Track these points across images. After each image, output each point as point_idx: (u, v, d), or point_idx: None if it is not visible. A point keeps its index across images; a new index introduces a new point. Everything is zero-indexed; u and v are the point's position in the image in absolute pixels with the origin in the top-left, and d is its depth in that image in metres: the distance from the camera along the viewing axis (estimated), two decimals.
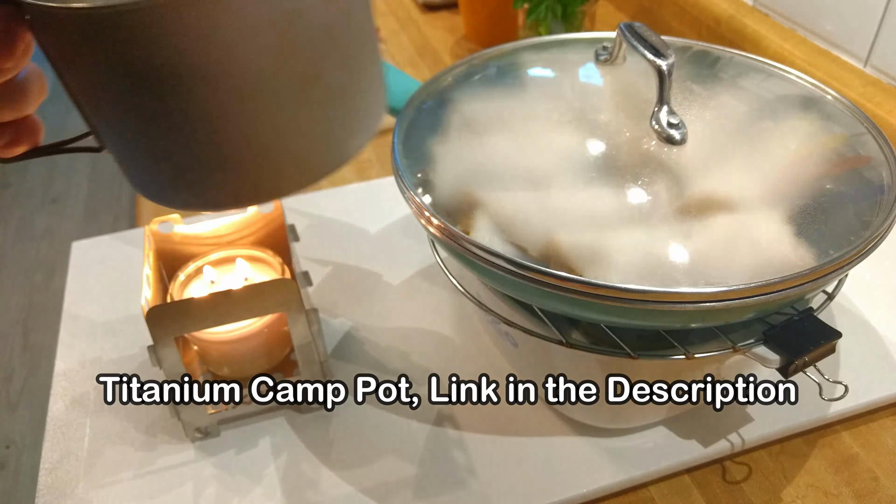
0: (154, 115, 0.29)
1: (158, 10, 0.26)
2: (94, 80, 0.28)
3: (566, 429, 0.48)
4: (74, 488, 0.47)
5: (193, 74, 0.27)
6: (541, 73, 0.51)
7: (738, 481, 0.46)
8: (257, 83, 0.28)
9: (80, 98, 0.30)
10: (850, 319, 0.55)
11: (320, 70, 0.30)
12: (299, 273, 0.48)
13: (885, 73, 0.68)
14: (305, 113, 0.30)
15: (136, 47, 0.26)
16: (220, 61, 0.27)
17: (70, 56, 0.28)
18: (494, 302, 0.44)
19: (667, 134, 0.41)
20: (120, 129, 0.30)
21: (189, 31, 0.26)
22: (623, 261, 0.36)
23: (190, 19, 0.26)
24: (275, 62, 0.28)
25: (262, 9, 0.27)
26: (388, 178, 0.72)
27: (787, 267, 0.36)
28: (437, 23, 1.05)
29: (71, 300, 0.60)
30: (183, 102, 0.28)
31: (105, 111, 0.30)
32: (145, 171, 0.32)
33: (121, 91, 0.28)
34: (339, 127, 0.32)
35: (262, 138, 0.30)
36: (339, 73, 0.31)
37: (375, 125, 0.34)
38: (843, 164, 0.42)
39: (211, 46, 0.27)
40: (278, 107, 0.29)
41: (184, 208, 0.33)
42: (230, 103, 0.29)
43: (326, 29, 0.29)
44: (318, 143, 0.32)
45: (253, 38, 0.27)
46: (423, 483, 0.46)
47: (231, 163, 0.30)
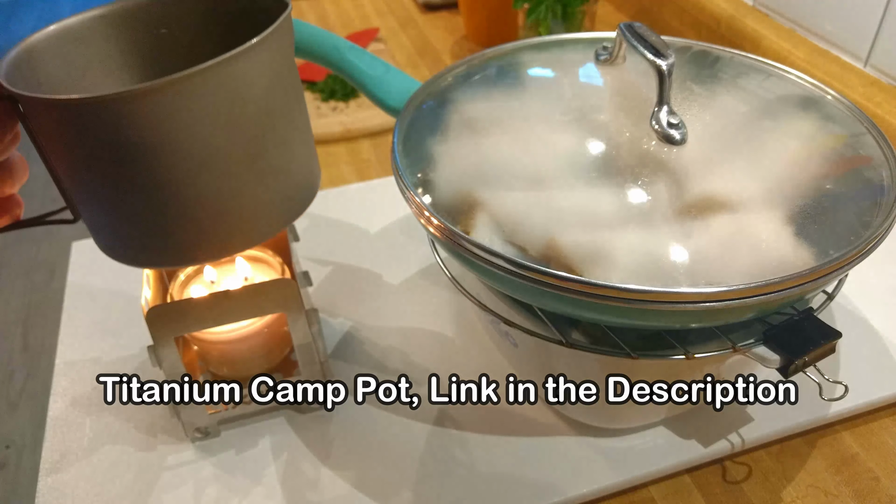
0: (126, 183, 0.34)
1: (132, 99, 0.32)
2: (75, 154, 0.34)
3: (566, 429, 0.48)
4: (74, 488, 0.47)
5: (158, 149, 0.33)
6: (541, 73, 0.51)
7: (738, 481, 0.46)
8: (211, 156, 0.35)
9: (59, 173, 0.36)
10: (850, 319, 0.55)
11: (263, 148, 0.37)
12: (299, 273, 0.48)
13: (886, 72, 0.68)
14: (252, 184, 0.37)
15: (118, 129, 0.32)
16: (181, 139, 0.34)
17: (55, 136, 0.34)
18: (494, 302, 0.44)
19: (667, 134, 0.41)
20: (94, 197, 0.36)
21: (155, 115, 0.32)
22: (623, 261, 0.36)
23: (156, 106, 0.32)
24: (226, 139, 0.35)
25: (215, 98, 0.33)
26: (388, 178, 0.72)
27: (786, 267, 0.36)
28: (437, 23, 1.05)
29: (71, 300, 0.60)
30: (150, 173, 0.34)
31: (82, 182, 0.35)
32: (115, 235, 0.37)
33: (99, 164, 0.34)
34: (280, 197, 0.39)
35: (216, 204, 0.36)
36: (278, 152, 0.38)
37: (311, 197, 0.41)
38: (843, 164, 0.42)
39: (173, 127, 0.33)
40: (229, 177, 0.36)
41: (148, 266, 0.39)
42: (189, 173, 0.35)
43: (267, 113, 0.36)
44: (263, 209, 0.38)
45: (207, 121, 0.34)
46: (423, 483, 0.46)
47: (190, 224, 0.36)
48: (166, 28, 0.41)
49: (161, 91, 0.32)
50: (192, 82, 0.32)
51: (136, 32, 0.41)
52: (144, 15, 0.41)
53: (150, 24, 0.41)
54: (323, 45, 0.51)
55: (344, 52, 0.51)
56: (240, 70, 0.34)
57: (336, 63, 0.51)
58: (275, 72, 0.37)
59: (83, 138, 0.33)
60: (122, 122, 0.32)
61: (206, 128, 0.34)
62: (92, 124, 0.32)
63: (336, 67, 0.52)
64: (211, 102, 0.33)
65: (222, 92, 0.34)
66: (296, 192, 0.40)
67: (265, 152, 0.37)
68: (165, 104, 0.32)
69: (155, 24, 0.41)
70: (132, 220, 0.36)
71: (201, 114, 0.33)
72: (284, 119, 0.38)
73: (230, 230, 0.37)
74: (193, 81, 0.32)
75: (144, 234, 0.36)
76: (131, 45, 0.41)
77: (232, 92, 0.34)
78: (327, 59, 0.51)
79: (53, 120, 0.33)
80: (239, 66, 0.34)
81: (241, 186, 0.36)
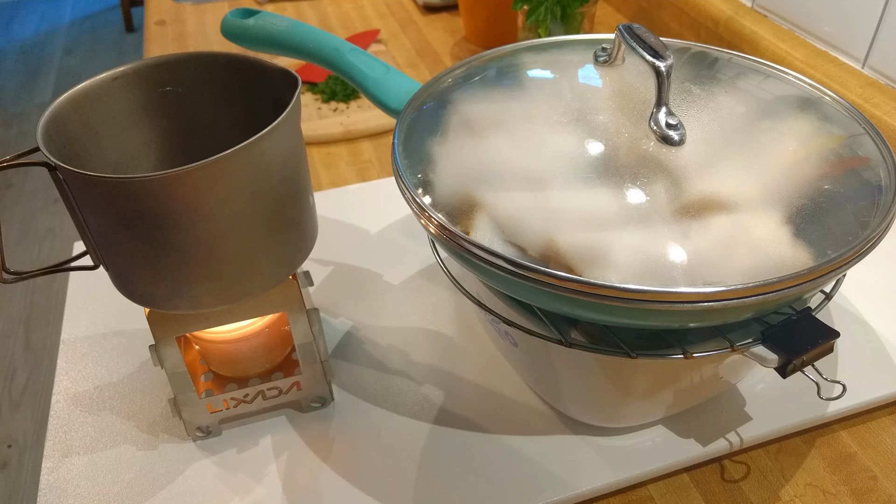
0: (158, 243, 0.38)
1: (169, 182, 0.36)
2: (110, 219, 0.38)
3: (565, 428, 0.48)
4: (76, 487, 0.47)
5: (192, 218, 0.38)
6: (540, 75, 0.51)
7: (736, 480, 0.46)
8: (238, 221, 0.39)
9: (89, 229, 0.40)
10: (848, 319, 0.55)
11: (281, 209, 0.41)
12: (300, 273, 0.48)
13: (883, 73, 0.69)
14: (270, 240, 0.41)
15: (154, 203, 0.36)
16: (213, 210, 0.38)
17: (92, 203, 0.38)
18: (494, 302, 0.45)
19: (665, 135, 0.42)
20: (124, 253, 0.39)
21: (191, 192, 0.37)
22: (622, 261, 0.36)
23: (192, 184, 0.36)
24: (251, 206, 0.39)
25: (244, 173, 0.38)
26: (388, 179, 0.73)
27: (785, 267, 0.36)
28: (438, 24, 1.05)
29: (73, 299, 0.60)
30: (181, 236, 0.38)
31: (115, 241, 0.39)
32: (140, 284, 0.41)
33: (134, 228, 0.38)
34: (292, 248, 0.44)
35: (239, 259, 0.40)
36: (291, 211, 0.42)
37: (312, 244, 0.46)
38: (841, 165, 0.43)
39: (206, 201, 0.37)
40: (252, 237, 0.40)
41: (170, 311, 0.42)
42: (218, 236, 0.39)
43: (284, 179, 0.41)
44: (277, 260, 0.43)
45: (236, 193, 0.38)
46: (423, 481, 0.46)
47: (214, 277, 0.40)
48: (171, 86, 0.45)
49: (196, 173, 0.36)
50: (223, 164, 0.37)
51: (143, 91, 0.45)
52: (152, 76, 0.45)
53: (157, 83, 0.45)
54: (324, 46, 0.52)
55: (345, 53, 0.51)
56: (264, 147, 0.38)
57: (337, 64, 0.52)
58: (291, 141, 0.41)
59: (121, 208, 0.37)
60: (157, 198, 0.36)
61: (235, 198, 0.38)
62: (133, 198, 0.36)
63: (337, 69, 0.52)
64: (240, 178, 0.38)
65: (249, 168, 0.38)
66: (303, 242, 0.45)
67: (282, 213, 0.41)
68: (200, 182, 0.37)
69: (160, 82, 0.46)
70: (159, 274, 0.40)
71: (232, 188, 0.38)
72: (297, 181, 0.43)
73: (249, 281, 0.42)
74: (224, 163, 0.37)
75: (170, 285, 0.40)
76: (139, 101, 0.46)
77: (257, 167, 0.38)
78: (328, 60, 0.52)
79: (93, 192, 0.37)
80: (264, 144, 0.38)
81: (261, 243, 0.41)
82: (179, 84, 0.46)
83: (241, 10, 0.53)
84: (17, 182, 2.17)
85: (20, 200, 2.10)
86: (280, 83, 0.43)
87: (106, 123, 0.44)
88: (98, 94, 0.43)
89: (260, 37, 0.52)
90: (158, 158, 0.47)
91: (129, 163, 0.46)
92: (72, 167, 0.36)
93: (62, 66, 2.80)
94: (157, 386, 0.53)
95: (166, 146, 0.47)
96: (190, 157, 0.39)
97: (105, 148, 0.44)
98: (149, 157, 0.47)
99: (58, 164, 0.36)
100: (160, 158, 0.47)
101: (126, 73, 0.44)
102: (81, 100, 0.42)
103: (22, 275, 0.41)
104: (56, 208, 2.06)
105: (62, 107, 0.41)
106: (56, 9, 3.27)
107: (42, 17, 3.19)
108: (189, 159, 0.37)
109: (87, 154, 0.43)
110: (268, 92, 0.44)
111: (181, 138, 0.47)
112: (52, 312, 1.74)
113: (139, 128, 0.46)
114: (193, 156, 0.41)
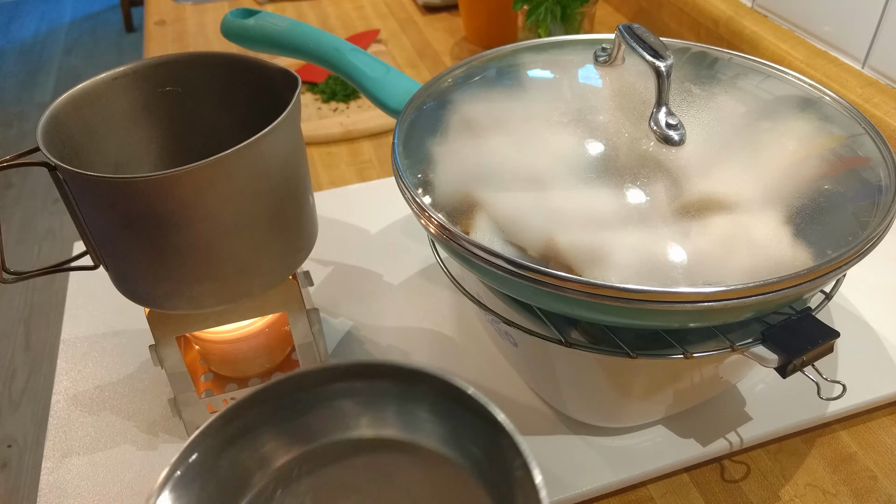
0: (159, 244, 0.38)
1: (170, 182, 0.36)
2: (112, 219, 0.38)
3: (565, 428, 0.48)
4: (76, 487, 0.47)
5: (193, 219, 0.37)
6: (540, 75, 0.51)
7: (736, 480, 0.46)
8: (239, 222, 0.39)
9: (89, 229, 0.40)
10: (849, 319, 0.55)
11: (281, 209, 0.41)
12: (300, 273, 0.48)
13: (884, 73, 0.69)
14: (271, 240, 0.41)
15: (155, 204, 0.36)
16: (214, 210, 0.38)
17: (93, 203, 0.37)
18: (494, 302, 0.45)
19: (665, 135, 0.42)
20: (125, 253, 0.39)
21: (193, 191, 0.36)
22: (622, 261, 0.36)
23: (194, 184, 0.36)
24: (252, 206, 0.39)
25: (245, 173, 0.38)
26: (388, 179, 0.73)
27: (785, 267, 0.36)
28: (438, 24, 1.05)
29: (73, 299, 0.60)
30: (182, 237, 0.38)
31: (115, 241, 0.39)
32: (141, 284, 0.41)
33: (135, 228, 0.37)
34: (292, 248, 0.44)
35: (240, 258, 0.40)
36: (292, 211, 0.42)
37: (312, 244, 0.46)
38: (841, 165, 0.43)
39: (208, 201, 0.37)
40: (253, 237, 0.40)
41: (170, 310, 0.42)
42: (219, 236, 0.39)
43: (285, 179, 0.41)
44: (277, 261, 0.43)
45: (236, 192, 0.38)
46: None
47: (215, 277, 0.40)
48: (171, 86, 0.46)
49: (196, 173, 0.36)
50: (223, 164, 0.37)
51: (143, 91, 0.45)
52: (152, 75, 0.45)
53: (157, 83, 0.45)
54: (324, 46, 0.52)
55: (345, 53, 0.51)
56: (264, 147, 0.38)
57: (337, 64, 0.52)
58: (291, 141, 0.41)
59: (121, 208, 0.37)
60: (157, 198, 0.36)
61: (235, 198, 0.38)
62: (133, 198, 0.36)
63: (337, 69, 0.52)
64: (240, 178, 0.38)
65: (250, 168, 0.38)
66: (303, 242, 0.45)
67: (283, 213, 0.42)
68: (200, 182, 0.37)
69: (160, 82, 0.46)
70: (159, 274, 0.40)
71: (232, 188, 0.38)
72: (297, 181, 0.43)
73: (249, 281, 0.42)
74: (224, 163, 0.37)
75: (170, 285, 0.40)
76: (139, 101, 0.46)
77: (257, 167, 0.38)
78: (328, 60, 0.52)
79: (94, 192, 0.37)
80: (264, 144, 0.38)
81: (261, 243, 0.41)
82: (179, 84, 0.46)
83: (241, 10, 0.53)
84: (17, 182, 2.17)
85: (20, 200, 2.10)
86: (280, 83, 0.43)
87: (106, 123, 0.44)
88: (98, 93, 0.43)
89: (260, 37, 0.52)
90: (158, 158, 0.47)
91: (130, 163, 0.46)
92: (72, 167, 0.36)
93: (62, 66, 2.80)
94: (157, 386, 0.53)
95: (166, 146, 0.47)
96: (190, 158, 0.39)
97: (105, 148, 0.44)
98: (149, 157, 0.47)
99: (58, 164, 0.36)
100: (160, 158, 0.47)
101: (126, 73, 0.44)
102: (81, 100, 0.42)
103: (22, 275, 0.41)
104: (56, 208, 2.06)
105: (62, 107, 0.41)
106: (56, 9, 3.27)
107: (42, 17, 3.19)
108: (189, 159, 0.37)
109: (88, 154, 0.43)
110: (268, 92, 0.44)
111: (181, 138, 0.47)
112: (52, 312, 1.74)
113: (139, 128, 0.46)
114: (193, 156, 0.41)
